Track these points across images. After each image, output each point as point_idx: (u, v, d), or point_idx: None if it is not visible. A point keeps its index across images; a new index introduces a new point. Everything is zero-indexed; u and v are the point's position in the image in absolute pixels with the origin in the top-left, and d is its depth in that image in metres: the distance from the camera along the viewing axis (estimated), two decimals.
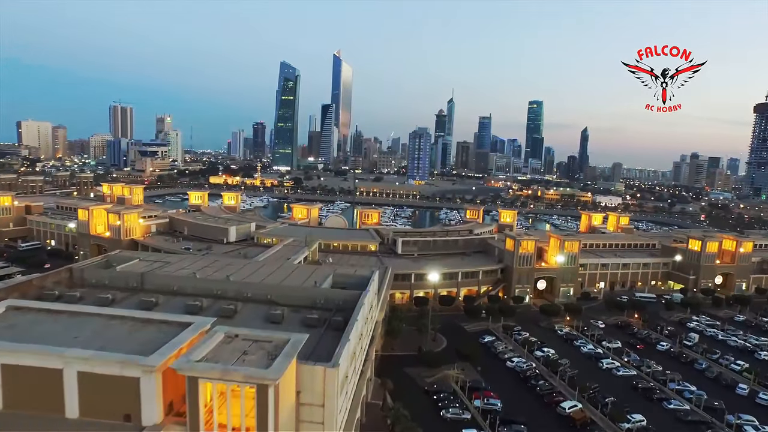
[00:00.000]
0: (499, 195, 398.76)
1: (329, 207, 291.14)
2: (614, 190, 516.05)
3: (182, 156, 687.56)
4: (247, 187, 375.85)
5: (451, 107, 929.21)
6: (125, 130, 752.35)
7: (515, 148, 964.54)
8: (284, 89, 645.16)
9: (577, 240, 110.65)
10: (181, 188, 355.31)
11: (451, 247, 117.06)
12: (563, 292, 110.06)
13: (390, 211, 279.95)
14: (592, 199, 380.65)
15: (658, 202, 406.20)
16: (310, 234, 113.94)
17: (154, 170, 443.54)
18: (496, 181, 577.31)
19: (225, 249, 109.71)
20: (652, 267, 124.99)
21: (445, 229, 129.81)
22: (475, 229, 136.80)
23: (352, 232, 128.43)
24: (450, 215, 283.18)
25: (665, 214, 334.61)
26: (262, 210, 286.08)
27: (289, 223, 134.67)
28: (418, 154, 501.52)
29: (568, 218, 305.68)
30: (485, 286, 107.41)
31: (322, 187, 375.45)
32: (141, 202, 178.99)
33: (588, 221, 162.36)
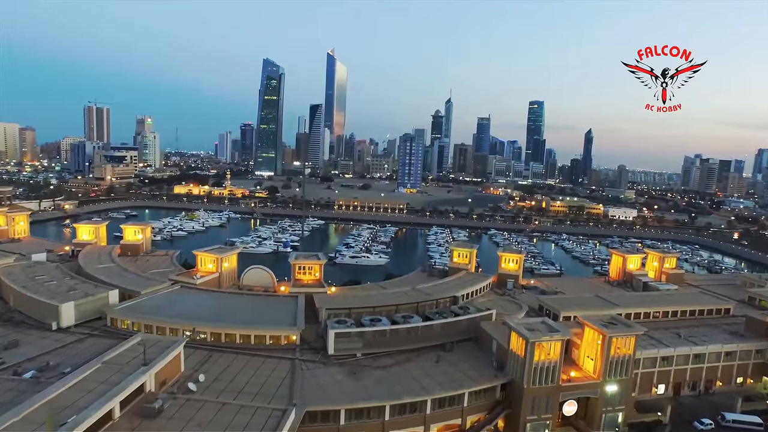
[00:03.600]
0: (499, 207, 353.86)
1: (293, 227, 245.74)
2: (624, 198, 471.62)
3: (160, 160, 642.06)
4: (211, 198, 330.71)
5: (449, 108, 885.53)
6: (101, 133, 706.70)
7: (515, 150, 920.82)
8: (267, 88, 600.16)
9: (632, 333, 65.61)
10: (136, 200, 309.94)
11: (421, 338, 72.38)
12: (608, 420, 65.45)
13: (367, 233, 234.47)
14: (603, 212, 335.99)
15: (677, 214, 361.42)
16: (177, 317, 69.44)
17: (114, 178, 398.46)
18: (495, 188, 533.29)
19: (45, 342, 65.71)
20: (739, 357, 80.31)
21: (414, 299, 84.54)
22: (462, 289, 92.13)
23: (263, 305, 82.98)
24: (440, 238, 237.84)
25: (691, 231, 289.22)
26: (219, 231, 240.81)
27: (183, 282, 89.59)
28: (409, 159, 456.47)
29: (579, 238, 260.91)
30: (475, 416, 62.83)
31: (296, 200, 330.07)
32: (26, 234, 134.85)
33: (622, 265, 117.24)
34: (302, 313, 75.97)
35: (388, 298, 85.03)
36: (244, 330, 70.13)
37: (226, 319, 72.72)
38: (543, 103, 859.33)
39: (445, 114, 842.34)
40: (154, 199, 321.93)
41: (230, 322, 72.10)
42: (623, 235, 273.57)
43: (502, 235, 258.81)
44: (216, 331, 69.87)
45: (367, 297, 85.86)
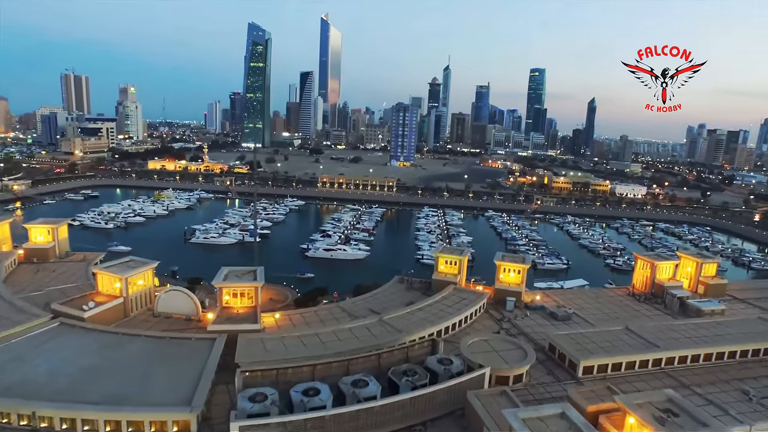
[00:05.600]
0: (497, 182, 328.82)
1: (270, 210, 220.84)
2: (630, 172, 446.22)
3: (143, 132, 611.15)
4: (187, 175, 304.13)
5: (447, 75, 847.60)
6: (80, 103, 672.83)
7: (515, 120, 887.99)
8: (253, 54, 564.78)
9: None
10: (101, 178, 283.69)
11: (379, 421, 49.04)
12: None
13: (349, 217, 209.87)
14: (610, 190, 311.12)
15: (688, 192, 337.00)
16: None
17: (85, 152, 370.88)
18: (494, 160, 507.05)
19: None
20: None
21: (377, 343, 60.99)
22: (446, 319, 68.78)
23: (162, 355, 58.39)
24: (431, 222, 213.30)
25: (707, 212, 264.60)
26: (185, 215, 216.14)
27: (66, 316, 65.21)
28: (402, 131, 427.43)
29: (585, 220, 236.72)
30: None
31: (279, 177, 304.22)
32: None
33: (650, 273, 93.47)
34: (210, 375, 52.40)
35: (339, 344, 61.31)
36: (112, 414, 46.48)
37: (91, 390, 49.06)
38: (544, 71, 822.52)
39: (443, 82, 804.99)
40: (123, 176, 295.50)
41: (96, 394, 48.44)
42: (633, 216, 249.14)
43: (501, 216, 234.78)
44: (68, 415, 46.31)
45: (310, 342, 61.89)
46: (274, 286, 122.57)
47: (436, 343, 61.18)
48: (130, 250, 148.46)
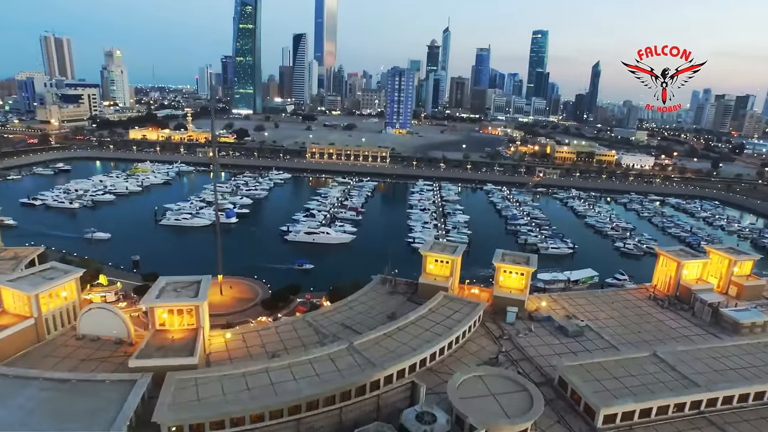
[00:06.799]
0: (497, 152, 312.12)
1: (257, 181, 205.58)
2: (635, 140, 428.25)
3: (129, 98, 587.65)
4: (169, 146, 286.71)
5: (447, 38, 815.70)
6: (63, 68, 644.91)
7: (516, 84, 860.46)
8: (242, 15, 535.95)
9: None
10: (77, 150, 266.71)
11: None
12: None
13: (337, 193, 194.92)
14: (616, 160, 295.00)
15: (697, 162, 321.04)
16: None
17: (63, 121, 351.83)
18: (494, 126, 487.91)
19: None
20: None
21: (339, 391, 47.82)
22: (432, 345, 55.54)
23: (64, 408, 45.48)
24: (425, 198, 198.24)
25: (720, 186, 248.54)
26: (160, 190, 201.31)
27: None
28: (398, 96, 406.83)
29: (590, 195, 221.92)
30: None
31: (266, 147, 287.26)
32: None
33: (675, 273, 79.70)
34: None
35: (293, 387, 47.62)
36: None
37: None
38: (547, 33, 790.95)
39: (442, 44, 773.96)
40: (101, 148, 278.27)
41: None
42: (641, 191, 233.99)
43: (501, 191, 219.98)
44: None
45: (256, 384, 48.32)
46: (246, 279, 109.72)
47: (416, 387, 47.72)
48: (109, 237, 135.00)
